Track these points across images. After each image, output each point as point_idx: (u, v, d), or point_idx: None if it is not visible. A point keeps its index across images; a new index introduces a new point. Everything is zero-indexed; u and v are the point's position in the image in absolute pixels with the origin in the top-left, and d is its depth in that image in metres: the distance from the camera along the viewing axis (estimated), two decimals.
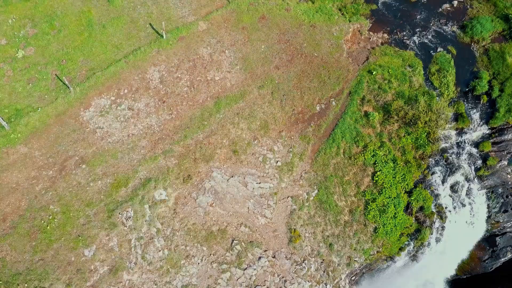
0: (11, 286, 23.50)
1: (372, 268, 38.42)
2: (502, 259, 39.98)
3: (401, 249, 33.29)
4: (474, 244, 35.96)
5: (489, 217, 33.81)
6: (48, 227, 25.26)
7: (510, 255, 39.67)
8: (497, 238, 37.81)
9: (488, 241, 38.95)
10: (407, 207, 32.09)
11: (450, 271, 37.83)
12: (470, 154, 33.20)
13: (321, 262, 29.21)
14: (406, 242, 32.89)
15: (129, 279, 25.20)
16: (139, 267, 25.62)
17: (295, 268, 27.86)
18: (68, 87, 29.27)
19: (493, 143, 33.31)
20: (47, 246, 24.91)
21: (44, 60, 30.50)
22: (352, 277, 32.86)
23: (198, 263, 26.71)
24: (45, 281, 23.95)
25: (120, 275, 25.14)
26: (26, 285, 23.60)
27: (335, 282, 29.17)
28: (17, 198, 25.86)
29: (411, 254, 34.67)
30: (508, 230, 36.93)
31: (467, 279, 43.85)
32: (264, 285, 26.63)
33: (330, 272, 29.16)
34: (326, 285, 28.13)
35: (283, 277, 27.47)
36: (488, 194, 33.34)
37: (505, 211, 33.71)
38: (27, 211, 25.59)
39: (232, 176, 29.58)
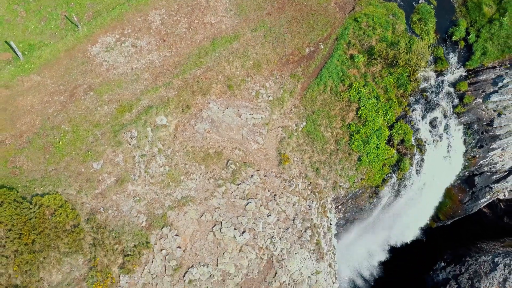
0: (28, 189, 26.16)
1: (360, 207, 41.21)
2: (481, 200, 42.76)
3: (384, 181, 35.97)
4: (453, 179, 38.58)
5: (466, 151, 36.47)
6: (60, 143, 27.93)
7: (488, 196, 42.45)
8: (476, 178, 40.55)
9: (468, 182, 41.72)
10: (389, 140, 34.76)
11: (432, 207, 40.51)
12: (448, 93, 35.87)
13: (309, 184, 31.89)
14: (389, 174, 35.54)
15: (133, 189, 27.85)
16: (142, 180, 28.29)
17: (284, 185, 30.53)
18: (77, 26, 31.92)
19: (469, 84, 35.99)
20: (59, 158, 27.59)
21: (54, 3, 33.11)
22: (338, 205, 35.53)
23: (196, 179, 29.39)
24: (58, 186, 26.62)
25: (125, 186, 27.80)
26: (41, 188, 26.26)
27: (321, 202, 31.83)
28: (31, 118, 28.53)
29: (395, 189, 37.34)
30: (485, 169, 39.62)
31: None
32: (256, 198, 29.29)
33: (316, 193, 31.82)
34: (312, 202, 30.77)
35: (273, 192, 30.14)
36: (465, 130, 36.01)
37: (481, 146, 36.36)
38: (41, 129, 28.26)
39: (227, 108, 32.24)
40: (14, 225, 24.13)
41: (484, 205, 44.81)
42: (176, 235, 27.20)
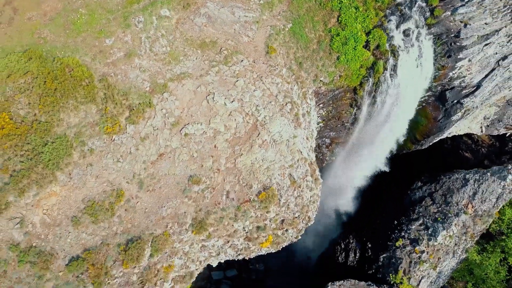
0: (51, 53, 30.91)
1: (342, 120, 45.65)
2: (453, 117, 47.06)
3: (361, 84, 40.41)
4: (425, 88, 42.92)
5: (435, 59, 40.76)
6: (78, 22, 32.66)
7: (459, 113, 46.73)
8: (447, 93, 44.84)
9: (441, 98, 46.02)
10: (366, 45, 39.14)
11: (409, 114, 44.95)
12: (421, 7, 40.12)
13: (292, 74, 36.40)
14: (365, 77, 39.94)
15: (139, 62, 32.54)
16: (147, 56, 32.97)
17: (270, 69, 35.06)
18: None
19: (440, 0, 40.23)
20: (77, 34, 32.32)
21: None
22: (320, 103, 40.02)
23: (193, 60, 34.03)
24: (76, 54, 31.36)
25: (132, 59, 32.50)
26: (62, 53, 31.04)
27: (302, 90, 36.32)
28: (54, 2, 33.21)
29: (371, 95, 41.75)
30: (455, 83, 43.88)
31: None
32: (245, 77, 33.86)
33: (299, 82, 36.33)
34: (294, 86, 35.27)
35: (260, 74, 34.66)
36: (435, 40, 40.27)
37: (449, 56, 40.62)
38: (62, 11, 32.97)
39: (223, 7, 36.77)
40: (40, 74, 28.92)
41: (455, 124, 48.89)
42: (176, 99, 31.84)
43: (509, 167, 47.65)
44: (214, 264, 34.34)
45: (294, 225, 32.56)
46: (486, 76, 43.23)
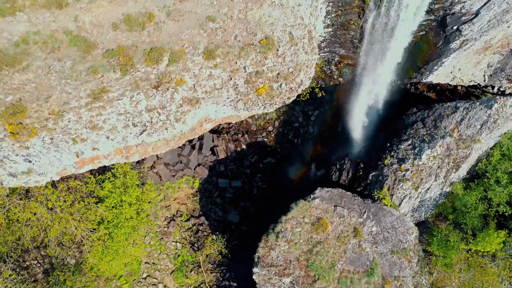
0: None
1: (350, 31, 51.49)
2: (452, 45, 51.92)
3: None
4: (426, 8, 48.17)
5: None
6: None
7: (458, 41, 51.53)
8: (447, 18, 49.77)
9: (442, 24, 50.98)
10: None
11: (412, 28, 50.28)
12: None
13: None
14: None
15: None
16: None
17: None
18: None
19: None
20: None
21: None
22: (327, 16, 45.98)
23: None
24: None
25: None
26: None
27: None
28: None
29: (376, 5, 47.39)
30: (456, 9, 48.77)
31: None
32: None
33: None
34: None
35: None
36: None
37: None
38: None
39: None
40: None
41: (453, 54, 53.43)
42: None
43: (497, 97, 52.03)
44: (219, 116, 41.22)
45: (288, 80, 38.94)
46: (485, 4, 47.81)
